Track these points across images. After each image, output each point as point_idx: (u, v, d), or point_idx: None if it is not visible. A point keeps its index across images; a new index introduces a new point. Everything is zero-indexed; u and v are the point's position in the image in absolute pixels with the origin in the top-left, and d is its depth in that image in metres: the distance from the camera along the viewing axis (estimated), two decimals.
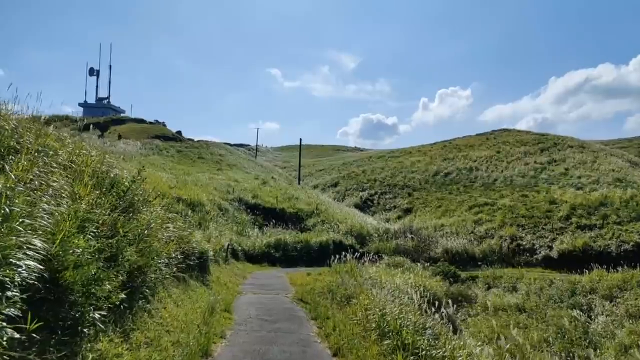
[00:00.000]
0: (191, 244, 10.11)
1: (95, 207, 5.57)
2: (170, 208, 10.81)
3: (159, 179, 23.21)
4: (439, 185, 46.83)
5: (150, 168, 29.90)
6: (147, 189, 13.65)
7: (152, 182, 20.40)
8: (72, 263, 3.72)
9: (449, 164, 51.56)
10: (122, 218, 6.10)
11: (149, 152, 42.04)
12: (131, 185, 6.56)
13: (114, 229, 5.80)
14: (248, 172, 44.00)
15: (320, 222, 28.26)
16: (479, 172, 47.16)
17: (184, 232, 9.93)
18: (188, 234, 10.21)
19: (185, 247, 9.76)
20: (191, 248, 10.11)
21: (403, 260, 23.41)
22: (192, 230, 11.41)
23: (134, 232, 6.35)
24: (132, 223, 6.42)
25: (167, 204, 10.52)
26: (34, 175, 4.65)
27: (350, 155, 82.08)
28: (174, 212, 12.79)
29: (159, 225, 7.78)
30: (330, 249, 24.59)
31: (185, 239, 9.84)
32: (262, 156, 77.41)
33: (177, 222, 9.80)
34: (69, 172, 6.20)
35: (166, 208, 9.80)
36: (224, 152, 52.25)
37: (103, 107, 61.42)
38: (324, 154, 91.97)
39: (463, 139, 68.09)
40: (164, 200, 17.38)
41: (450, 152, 58.32)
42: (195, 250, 10.38)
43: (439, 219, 37.63)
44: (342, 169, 64.27)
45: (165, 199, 17.98)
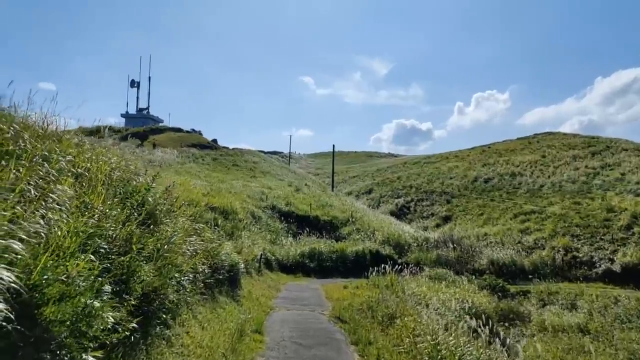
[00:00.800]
0: (220, 256, 9.34)
1: (106, 220, 4.84)
2: (199, 217, 10.08)
3: (193, 186, 22.83)
4: (480, 191, 44.82)
5: (185, 176, 29.76)
6: (177, 198, 13.04)
7: (186, 190, 20.01)
8: (56, 295, 2.92)
9: (490, 170, 49.41)
10: (138, 231, 5.36)
11: (186, 160, 42.19)
12: (146, 194, 5.80)
13: (129, 245, 5.04)
14: (281, 179, 43.47)
15: (356, 231, 27.20)
16: (523, 177, 44.85)
17: (212, 244, 9.17)
18: (217, 246, 9.44)
19: (214, 260, 9.00)
20: (220, 261, 9.34)
21: (445, 272, 22.05)
22: (222, 241, 10.65)
23: (152, 247, 5.59)
24: (149, 237, 5.67)
25: (195, 213, 9.80)
26: (31, 183, 3.94)
27: (384, 162, 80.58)
28: (204, 222, 12.11)
29: (183, 238, 7.01)
30: (367, 259, 23.52)
31: (214, 251, 9.08)
32: (295, 163, 77.09)
33: (205, 233, 9.05)
34: (84, 181, 5.53)
35: (194, 218, 9.07)
36: (257, 160, 52.05)
37: (143, 117, 62.74)
38: (357, 161, 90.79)
39: (503, 144, 65.49)
40: (195, 209, 16.86)
41: (490, 157, 56.03)
42: (225, 263, 9.60)
43: (482, 228, 35.81)
44: (376, 176, 62.98)
45: (197, 207, 17.47)
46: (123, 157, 7.74)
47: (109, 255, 4.74)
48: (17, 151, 4.28)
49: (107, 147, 7.60)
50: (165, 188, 7.74)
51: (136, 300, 4.72)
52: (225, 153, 49.22)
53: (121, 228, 5.01)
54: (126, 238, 5.13)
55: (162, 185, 10.23)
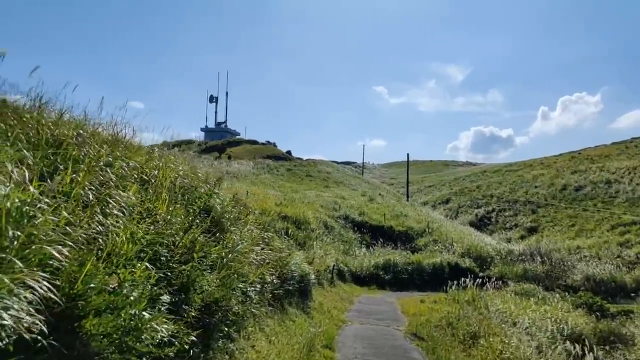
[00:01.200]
0: (290, 266, 9.04)
1: (168, 226, 4.67)
2: (270, 226, 9.87)
3: (267, 196, 23.10)
4: (570, 201, 41.10)
5: (260, 186, 30.37)
6: (245, 205, 13.06)
7: (259, 200, 20.25)
8: (101, 306, 2.67)
9: (581, 177, 45.24)
10: (201, 239, 5.16)
11: (261, 172, 43.26)
12: (208, 199, 5.60)
13: (191, 253, 4.84)
14: (355, 189, 43.01)
15: (432, 242, 25.92)
16: (620, 185, 40.49)
17: (281, 254, 8.89)
18: (286, 255, 9.15)
19: (283, 270, 8.71)
20: (290, 271, 9.03)
21: (533, 288, 20.20)
22: (292, 250, 10.37)
23: (216, 256, 5.37)
24: (214, 245, 5.46)
25: (265, 222, 9.61)
26: (91, 188, 3.83)
27: (461, 170, 77.16)
28: (275, 231, 11.96)
29: (251, 247, 6.76)
30: (445, 272, 22.23)
31: (283, 261, 8.79)
32: (368, 173, 76.30)
33: (274, 242, 8.81)
34: (150, 187, 5.46)
35: (263, 226, 8.87)
36: (330, 170, 52.09)
37: (221, 131, 65.64)
38: (432, 170, 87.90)
39: (595, 149, 59.95)
40: (266, 218, 16.89)
41: (580, 164, 51.39)
42: (295, 274, 9.28)
43: (573, 240, 32.70)
44: (453, 185, 60.35)
45: (269, 216, 17.51)
46: (192, 165, 7.71)
47: (170, 264, 4.55)
48: (80, 156, 4.24)
49: (176, 155, 7.61)
50: (233, 196, 7.60)
51: (196, 311, 4.47)
52: (299, 164, 49.86)
53: (183, 235, 4.83)
54: (188, 246, 4.94)
55: (234, 194, 10.22)
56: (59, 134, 4.29)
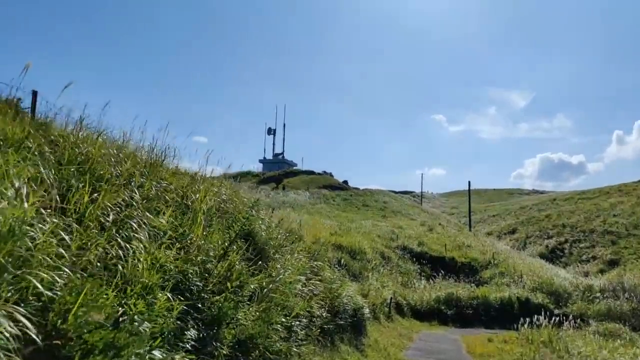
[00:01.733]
0: (341, 299, 8.36)
1: (200, 252, 4.26)
2: (319, 255, 9.28)
3: (321, 225, 22.62)
4: None
5: (316, 216, 30.00)
6: (291, 231, 12.58)
7: (313, 229, 19.79)
8: (95, 344, 2.22)
9: None
10: (239, 266, 4.70)
11: (317, 201, 43.07)
12: (246, 223, 5.15)
13: (225, 282, 4.37)
14: (413, 218, 41.52)
15: (499, 275, 24.01)
16: None
17: (332, 285, 8.26)
18: (338, 287, 8.50)
19: (334, 302, 8.05)
20: (342, 304, 8.35)
21: (619, 328, 17.94)
22: (344, 281, 9.68)
23: (255, 286, 4.87)
24: (255, 274, 4.98)
25: (314, 251, 9.07)
26: (113, 208, 3.51)
27: (527, 199, 72.67)
28: (326, 260, 11.36)
29: (296, 276, 6.22)
30: (515, 307, 20.35)
31: (334, 293, 8.14)
32: (427, 203, 73.92)
33: (324, 272, 8.21)
34: (186, 211, 5.13)
35: (312, 255, 8.31)
36: (387, 200, 50.92)
37: (278, 162, 66.85)
38: (496, 199, 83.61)
39: None
40: (318, 246, 16.33)
41: None
42: (347, 307, 8.58)
43: None
44: (519, 214, 56.73)
45: (323, 245, 16.94)
46: (235, 190, 7.39)
47: (202, 294, 4.10)
48: (108, 175, 3.97)
49: (221, 179, 7.34)
50: (279, 221, 7.16)
51: (228, 348, 3.96)
52: (355, 193, 49.24)
53: (218, 262, 4.39)
54: (224, 274, 4.48)
55: (289, 224, 9.81)
56: (90, 152, 4.07)
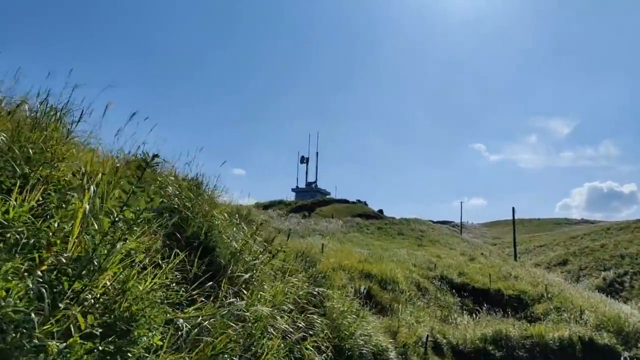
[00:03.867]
0: (354, 339, 6.15)
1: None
2: (324, 280, 7.10)
3: (350, 252, 20.38)
4: None
5: (347, 244, 27.72)
6: (321, 260, 10.52)
7: (341, 256, 17.60)
8: None
9: None
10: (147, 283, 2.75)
11: (350, 230, 40.74)
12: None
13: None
14: (452, 248, 38.31)
15: (554, 310, 20.69)
16: None
17: (342, 320, 6.10)
18: (351, 323, 6.31)
19: (344, 344, 5.86)
20: (355, 346, 6.13)
21: None
22: (362, 315, 7.39)
23: (184, 318, 2.88)
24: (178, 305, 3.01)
25: (314, 274, 6.95)
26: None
27: (577, 229, 67.17)
28: (341, 287, 9.16)
29: (275, 306, 4.15)
30: (577, 349, 17.05)
31: (344, 331, 5.96)
32: (467, 233, 69.66)
33: (330, 302, 6.07)
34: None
35: (313, 279, 6.21)
36: (425, 228, 47.79)
37: (312, 191, 64.95)
38: (542, 229, 78.11)
39: None
40: (346, 275, 14.08)
41: None
42: (364, 350, 6.32)
43: None
44: (570, 244, 51.93)
45: (349, 273, 14.71)
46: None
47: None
48: None
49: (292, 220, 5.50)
50: (256, 227, 5.15)
51: None
52: (390, 222, 46.53)
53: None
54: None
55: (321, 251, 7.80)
56: None
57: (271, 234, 7.66)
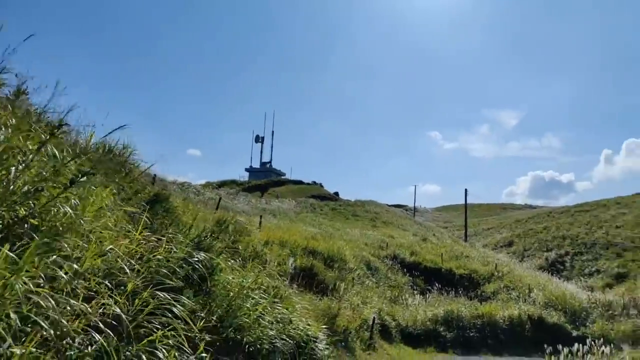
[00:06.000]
0: (263, 328, 4.26)
1: None
2: (207, 240, 5.06)
3: (296, 230, 18.56)
4: None
5: (299, 224, 25.86)
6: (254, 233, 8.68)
7: (284, 233, 15.74)
8: None
9: None
10: None
11: (303, 210, 38.98)
12: None
13: None
14: (405, 229, 37.42)
15: (504, 289, 19.89)
16: None
17: (245, 302, 4.20)
18: (255, 306, 4.42)
19: (250, 334, 3.97)
20: (264, 337, 4.24)
21: None
22: (285, 296, 5.54)
23: None
24: None
25: (199, 234, 4.98)
26: None
27: (522, 213, 68.71)
28: (272, 263, 7.29)
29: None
30: (526, 328, 16.17)
31: (236, 311, 4.07)
32: (420, 216, 69.75)
33: (221, 275, 4.14)
34: None
35: (199, 239, 4.27)
36: (379, 210, 46.81)
37: (266, 171, 62.45)
38: (489, 213, 79.63)
39: None
40: (286, 251, 12.24)
41: None
42: (276, 342, 4.45)
43: None
44: (515, 227, 52.69)
45: (290, 250, 12.87)
46: None
47: None
48: None
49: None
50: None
51: None
52: (345, 204, 45.17)
53: None
54: None
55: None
56: None
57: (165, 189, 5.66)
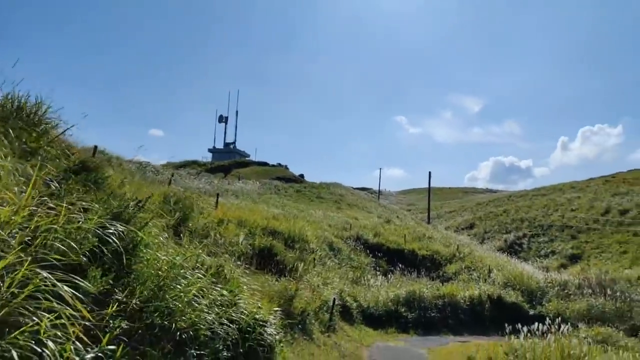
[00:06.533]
0: (199, 312, 3.63)
1: None
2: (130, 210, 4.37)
3: (257, 210, 17.87)
4: (615, 225, 34.54)
5: (261, 205, 25.08)
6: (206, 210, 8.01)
7: (243, 212, 15.02)
8: None
9: (624, 200, 38.69)
10: None
11: (267, 192, 38.16)
12: None
13: None
14: (370, 211, 37.41)
15: (465, 269, 20.06)
16: None
17: (176, 283, 3.53)
18: (187, 286, 3.77)
19: (181, 319, 3.33)
20: (200, 322, 3.62)
21: (611, 334, 14.19)
22: (232, 271, 4.91)
23: None
24: None
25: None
26: None
27: (482, 197, 70.56)
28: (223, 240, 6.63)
29: None
30: (486, 308, 16.34)
31: (175, 300, 3.41)
32: (384, 199, 70.37)
33: (144, 250, 3.46)
34: None
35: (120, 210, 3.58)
36: (344, 193, 46.62)
37: (229, 152, 60.71)
38: (452, 197, 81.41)
39: (628, 173, 53.43)
40: (244, 230, 11.58)
41: (619, 187, 44.77)
42: (217, 329, 3.84)
43: (629, 269, 26.21)
44: (476, 210, 53.94)
45: (248, 229, 12.20)
46: None
47: None
48: None
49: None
50: None
51: None
52: (310, 186, 44.65)
53: None
54: None
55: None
56: None
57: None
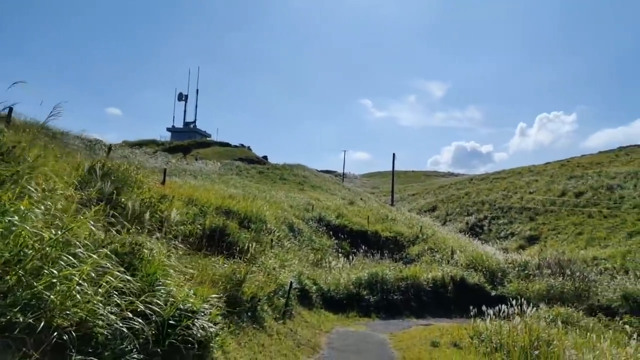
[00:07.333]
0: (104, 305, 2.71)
1: None
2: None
3: (213, 189, 16.79)
4: (571, 207, 35.65)
5: (220, 185, 23.90)
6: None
7: (196, 191, 13.94)
8: None
9: (579, 183, 40.00)
10: None
11: (228, 172, 36.83)
12: None
13: None
14: (333, 193, 36.85)
15: (428, 251, 19.85)
16: (624, 191, 35.27)
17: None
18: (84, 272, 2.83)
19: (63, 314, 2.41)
20: (100, 317, 2.70)
21: (572, 313, 14.24)
22: (156, 249, 4.03)
23: None
24: None
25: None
26: None
27: (445, 180, 71.76)
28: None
29: None
30: (449, 290, 16.15)
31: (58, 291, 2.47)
32: (349, 182, 70.22)
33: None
34: None
35: None
36: (308, 174, 45.82)
37: (189, 132, 58.28)
38: (414, 180, 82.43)
39: (583, 158, 55.59)
40: (195, 209, 10.60)
41: (574, 170, 46.35)
42: (122, 326, 2.94)
43: (584, 250, 27.05)
44: (439, 193, 54.66)
45: (199, 208, 11.21)
46: None
47: None
48: None
49: None
50: None
51: None
52: (273, 167, 43.56)
53: None
54: None
55: None
56: None
57: None
